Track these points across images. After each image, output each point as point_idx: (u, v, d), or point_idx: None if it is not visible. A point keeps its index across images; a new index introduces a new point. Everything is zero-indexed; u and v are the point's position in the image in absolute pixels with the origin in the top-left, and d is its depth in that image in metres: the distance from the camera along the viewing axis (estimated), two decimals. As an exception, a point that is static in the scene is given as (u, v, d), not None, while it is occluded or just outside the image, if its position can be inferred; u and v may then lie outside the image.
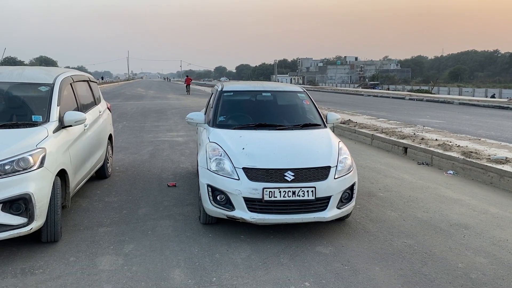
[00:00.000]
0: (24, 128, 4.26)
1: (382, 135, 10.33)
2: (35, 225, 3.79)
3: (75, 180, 4.82)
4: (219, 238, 4.37)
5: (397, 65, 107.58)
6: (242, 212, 4.20)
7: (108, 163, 6.77)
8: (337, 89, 57.20)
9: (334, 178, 4.33)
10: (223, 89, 5.72)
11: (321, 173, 4.30)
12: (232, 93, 5.66)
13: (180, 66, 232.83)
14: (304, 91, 5.92)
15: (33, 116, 4.50)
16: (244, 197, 4.17)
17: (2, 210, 3.61)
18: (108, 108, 7.31)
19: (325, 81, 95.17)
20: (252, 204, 4.17)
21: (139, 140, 10.94)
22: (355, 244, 4.27)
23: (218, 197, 4.32)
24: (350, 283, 3.48)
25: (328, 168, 4.35)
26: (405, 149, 9.12)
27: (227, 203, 4.28)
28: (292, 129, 5.10)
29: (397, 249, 4.15)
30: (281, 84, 6.45)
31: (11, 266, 3.68)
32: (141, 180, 6.72)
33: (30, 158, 3.82)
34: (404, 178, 7.11)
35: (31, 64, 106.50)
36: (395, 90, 55.02)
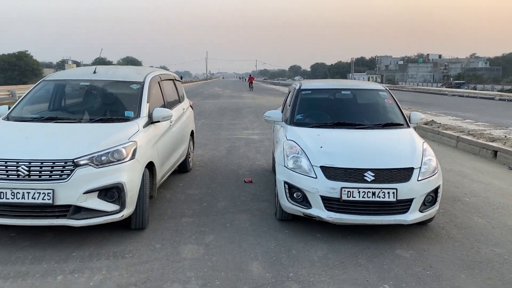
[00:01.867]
0: (118, 122, 4.63)
1: (469, 137, 9.68)
2: (126, 212, 4.10)
3: (161, 172, 5.13)
4: (295, 235, 4.41)
5: (485, 63, 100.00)
6: (319, 211, 4.20)
7: (189, 157, 7.10)
8: (419, 88, 54.51)
9: (417, 180, 4.17)
10: (301, 88, 5.74)
11: (404, 174, 4.16)
12: (310, 91, 5.66)
13: (255, 66, 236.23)
14: (386, 89, 5.75)
15: (125, 111, 4.86)
16: (321, 196, 4.16)
17: (98, 197, 3.95)
18: (190, 105, 7.66)
19: (406, 80, 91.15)
20: (330, 203, 4.16)
21: (217, 137, 11.32)
22: (437, 250, 4.08)
23: (294, 194, 4.36)
24: (433, 289, 3.34)
25: (411, 170, 4.20)
26: (495, 152, 8.47)
27: (304, 201, 4.30)
28: (373, 128, 4.99)
29: (485, 258, 3.90)
30: (361, 82, 6.32)
31: (105, 249, 4.02)
32: (220, 175, 6.96)
33: (123, 150, 4.14)
34: (493, 183, 6.62)
35: (119, 64, 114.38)
36: (483, 90, 51.12)
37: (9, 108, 4.89)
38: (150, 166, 4.67)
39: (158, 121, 5.04)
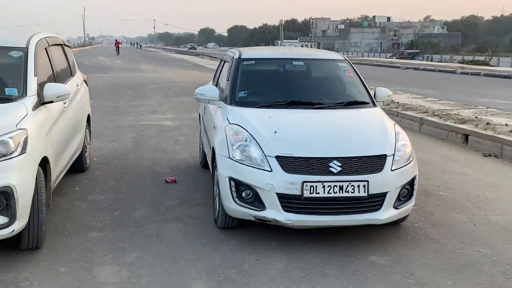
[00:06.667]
0: (-3, 103, 4.45)
1: (435, 119, 10.56)
2: (17, 226, 3.99)
3: (55, 171, 5.02)
4: (244, 246, 4.58)
5: (442, 28, 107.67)
6: (275, 212, 4.41)
7: (86, 152, 6.98)
8: (365, 59, 57.49)
9: (391, 170, 4.54)
10: (241, 57, 5.89)
11: (375, 163, 4.51)
12: (253, 62, 5.86)
13: (154, 28, 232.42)
14: (346, 59, 6.12)
15: (6, 89, 4.68)
16: (278, 193, 4.37)
17: (-23, 207, 3.81)
18: (84, 80, 7.50)
19: (348, 49, 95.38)
20: (289, 202, 4.38)
21: (115, 124, 11.15)
22: (416, 254, 4.50)
23: (243, 193, 4.53)
24: (419, 299, 3.71)
25: (383, 157, 4.56)
26: (466, 136, 9.34)
27: (255, 201, 4.49)
28: (334, 108, 5.32)
29: (471, 260, 4.38)
30: (316, 50, 6.68)
31: (-11, 278, 3.89)
32: (130, 175, 6.93)
33: (10, 142, 4.01)
34: (468, 173, 7.34)
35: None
36: (441, 61, 55.23)
37: None
38: (43, 163, 4.56)
39: (52, 101, 4.92)
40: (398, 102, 13.13)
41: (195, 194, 6.11)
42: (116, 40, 77.69)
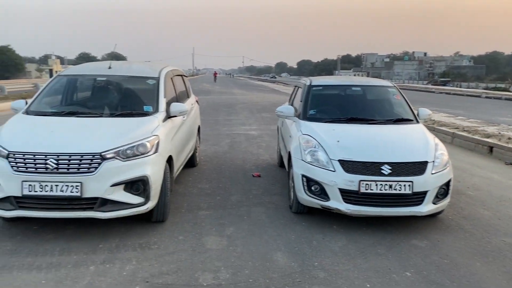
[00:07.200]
0: (138, 117, 4.70)
1: (464, 134, 9.99)
2: (151, 204, 4.20)
3: (176, 166, 5.23)
4: (312, 227, 4.56)
5: (469, 61, 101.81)
6: (337, 203, 4.36)
7: (196, 152, 7.20)
8: (405, 85, 55.22)
9: (431, 173, 4.37)
10: (312, 84, 5.88)
11: (419, 167, 4.35)
12: (321, 88, 5.82)
13: (242, 62, 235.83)
14: (394, 85, 5.95)
15: (144, 106, 4.94)
16: (339, 188, 4.32)
17: (124, 190, 4.04)
18: (196, 101, 7.75)
19: (391, 78, 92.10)
20: (348, 195, 4.32)
21: (216, 132, 11.41)
22: (450, 240, 4.28)
23: (312, 187, 4.51)
24: (453, 276, 3.53)
25: (425, 163, 4.39)
26: (491, 148, 8.77)
27: (322, 193, 4.46)
28: (385, 124, 5.18)
29: (496, 247, 4.12)
30: (370, 79, 6.53)
31: (130, 241, 4.11)
32: (227, 170, 7.07)
33: (148, 144, 4.23)
34: (492, 177, 6.89)
35: (103, 59, 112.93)
36: (468, 88, 52.01)
37: (26, 103, 4.92)
38: (169, 160, 4.77)
39: (175, 116, 5.13)
40: (434, 120, 12.53)
41: (274, 186, 6.15)
42: (215, 71, 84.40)
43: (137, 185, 4.08)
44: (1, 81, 31.92)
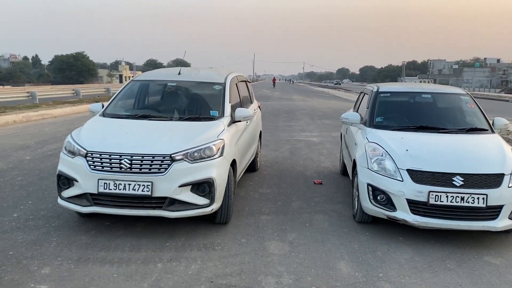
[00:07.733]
0: (205, 121, 4.87)
1: (544, 146, 9.25)
2: (215, 206, 4.32)
3: (239, 169, 5.33)
4: (377, 237, 4.45)
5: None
6: (404, 214, 4.22)
7: (257, 157, 7.29)
8: (476, 93, 52.18)
9: (508, 187, 4.11)
10: (379, 90, 5.76)
11: (494, 180, 4.11)
12: (389, 94, 5.67)
13: (303, 68, 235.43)
14: (468, 93, 5.67)
15: (210, 111, 5.10)
16: (407, 199, 4.18)
17: (191, 190, 4.19)
18: (258, 106, 7.86)
19: (460, 85, 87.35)
20: (416, 206, 4.17)
21: (276, 138, 11.48)
22: (529, 259, 3.99)
23: (378, 197, 4.40)
24: (533, 298, 3.29)
25: (501, 176, 4.14)
26: None
27: (388, 204, 4.34)
28: (457, 133, 4.94)
29: None
30: (441, 86, 6.26)
31: (195, 241, 4.25)
32: (287, 176, 7.09)
33: (214, 147, 4.36)
34: None
35: (169, 65, 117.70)
36: (548, 96, 48.06)
37: (102, 106, 5.26)
38: (233, 164, 4.87)
39: (239, 121, 5.24)
40: (509, 130, 11.75)
41: (337, 194, 6.07)
42: (274, 77, 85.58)
43: (203, 187, 4.22)
44: (77, 85, 34.38)
